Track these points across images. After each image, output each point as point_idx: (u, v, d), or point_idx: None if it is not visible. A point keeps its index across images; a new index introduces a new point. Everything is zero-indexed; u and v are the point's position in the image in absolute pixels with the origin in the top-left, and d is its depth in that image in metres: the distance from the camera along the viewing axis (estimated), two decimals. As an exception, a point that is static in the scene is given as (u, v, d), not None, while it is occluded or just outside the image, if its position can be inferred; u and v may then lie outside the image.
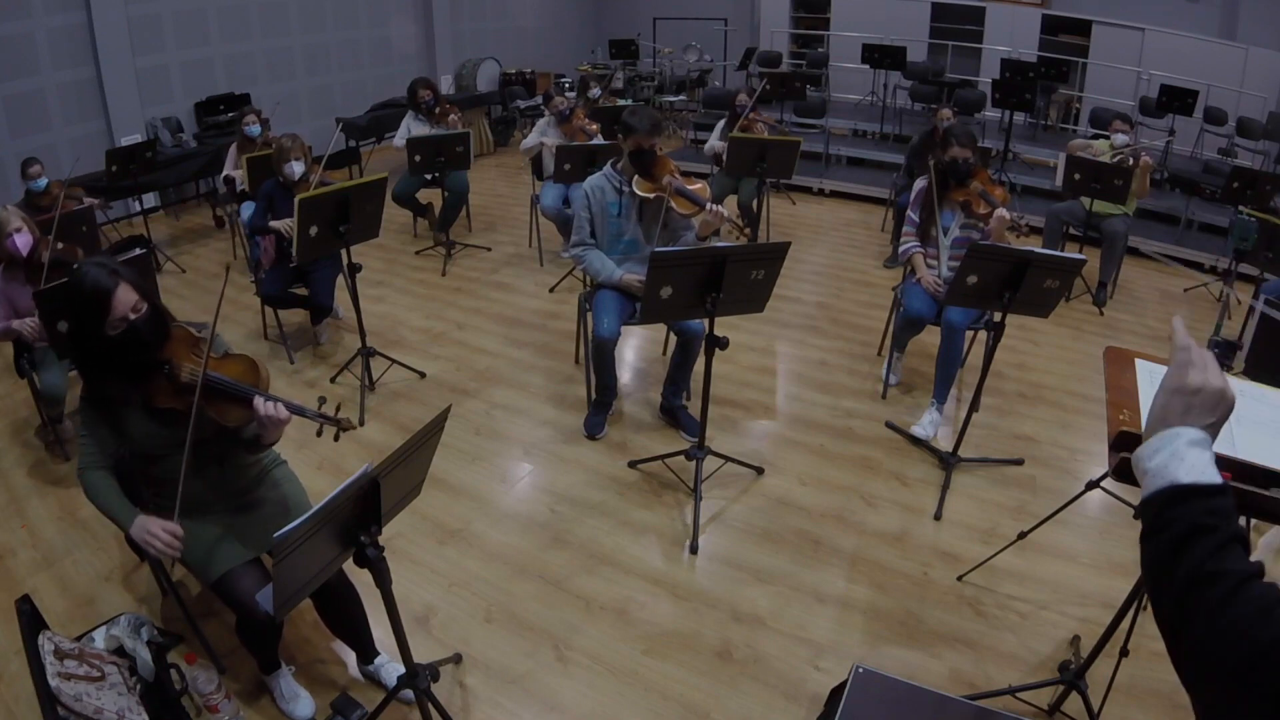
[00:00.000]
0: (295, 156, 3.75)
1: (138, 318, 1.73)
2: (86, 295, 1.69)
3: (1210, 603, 0.70)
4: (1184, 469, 0.78)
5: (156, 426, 1.83)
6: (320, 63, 7.89)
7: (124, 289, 1.71)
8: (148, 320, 1.75)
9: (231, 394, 1.78)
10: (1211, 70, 7.16)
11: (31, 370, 3.13)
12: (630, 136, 3.02)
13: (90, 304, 1.69)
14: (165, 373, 1.77)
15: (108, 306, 1.69)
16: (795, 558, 2.59)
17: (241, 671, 2.11)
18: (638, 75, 9.75)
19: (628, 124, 3.02)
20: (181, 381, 1.77)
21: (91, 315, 1.70)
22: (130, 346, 1.74)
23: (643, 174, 3.05)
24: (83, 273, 1.71)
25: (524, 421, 3.40)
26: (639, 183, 3.05)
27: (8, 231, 2.91)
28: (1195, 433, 0.81)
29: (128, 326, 1.72)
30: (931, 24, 8.91)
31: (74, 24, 5.73)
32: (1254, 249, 3.81)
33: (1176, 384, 0.85)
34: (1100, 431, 3.11)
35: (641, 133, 2.99)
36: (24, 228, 2.95)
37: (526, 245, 5.52)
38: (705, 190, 3.03)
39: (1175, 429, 0.82)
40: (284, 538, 1.31)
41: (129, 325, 1.72)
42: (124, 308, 1.71)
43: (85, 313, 1.70)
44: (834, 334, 4.24)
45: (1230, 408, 0.84)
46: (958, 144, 3.21)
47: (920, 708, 1.56)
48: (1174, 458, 0.79)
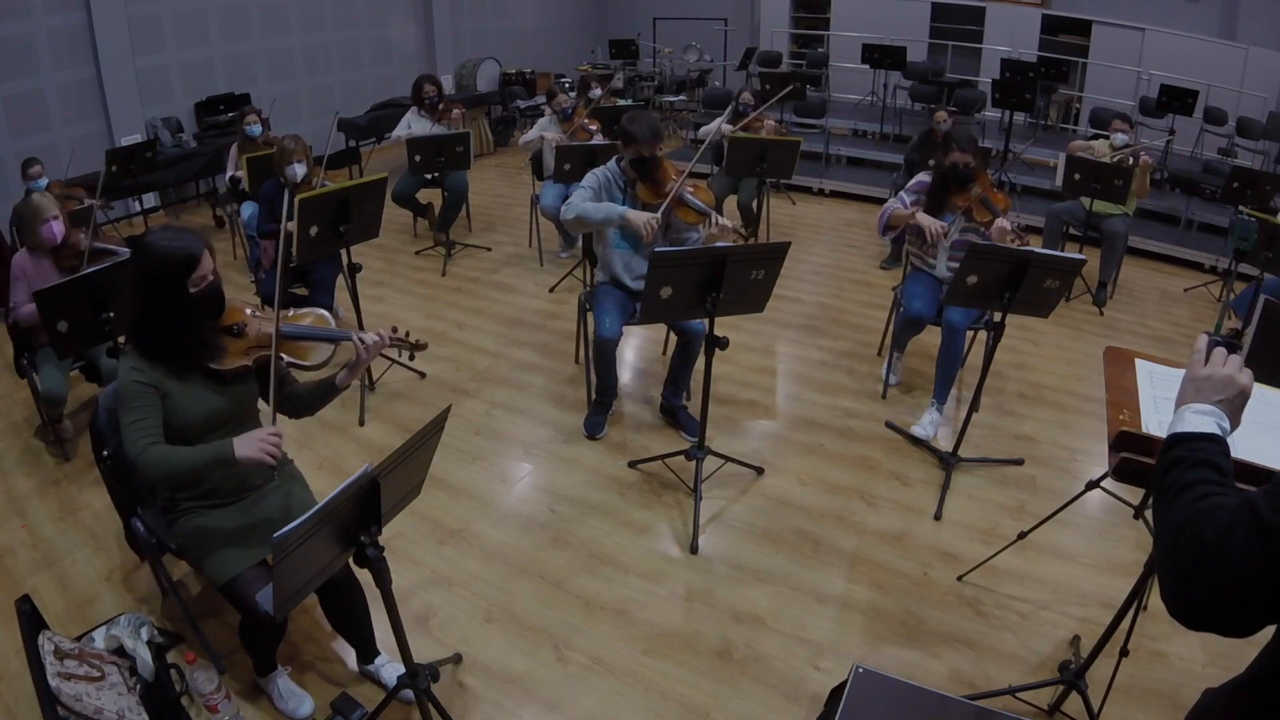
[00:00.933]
0: (297, 159, 3.74)
1: (216, 279, 1.86)
2: (179, 255, 1.77)
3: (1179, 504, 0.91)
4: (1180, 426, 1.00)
5: (216, 395, 1.87)
6: (320, 63, 7.88)
7: (207, 253, 1.83)
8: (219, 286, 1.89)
9: (305, 338, 1.96)
10: (1211, 70, 7.16)
11: (32, 370, 3.13)
12: (630, 145, 2.94)
13: (180, 265, 1.77)
14: (234, 332, 1.90)
15: (196, 264, 1.79)
16: (795, 558, 2.59)
17: (241, 671, 2.11)
18: (638, 75, 9.75)
19: (628, 131, 2.92)
20: (251, 337, 1.91)
21: (179, 274, 1.77)
22: (209, 305, 1.85)
23: (646, 181, 2.99)
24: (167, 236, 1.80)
25: (524, 421, 3.40)
26: (642, 190, 2.99)
27: (45, 217, 2.99)
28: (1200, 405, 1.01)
29: (209, 285, 1.82)
30: (931, 24, 8.91)
31: (74, 24, 5.73)
32: (1254, 249, 3.80)
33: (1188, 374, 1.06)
34: (1100, 431, 3.11)
35: (642, 141, 2.90)
36: (60, 216, 3.04)
37: (526, 245, 5.52)
38: (710, 197, 2.96)
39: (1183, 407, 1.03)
40: (284, 537, 1.31)
41: (210, 284, 1.83)
42: (207, 268, 1.82)
43: (173, 272, 1.77)
44: (834, 334, 4.24)
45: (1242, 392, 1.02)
46: (959, 149, 3.17)
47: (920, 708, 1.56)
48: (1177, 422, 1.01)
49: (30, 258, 3.06)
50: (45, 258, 3.07)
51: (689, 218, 2.97)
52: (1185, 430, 0.99)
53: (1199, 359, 1.06)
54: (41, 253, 3.07)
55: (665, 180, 2.97)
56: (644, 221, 2.89)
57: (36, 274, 3.03)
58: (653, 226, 2.89)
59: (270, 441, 1.75)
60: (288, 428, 3.19)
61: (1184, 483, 0.92)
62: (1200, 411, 1.00)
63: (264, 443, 1.74)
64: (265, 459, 1.74)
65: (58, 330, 2.70)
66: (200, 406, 1.84)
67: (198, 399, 1.84)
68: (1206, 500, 0.89)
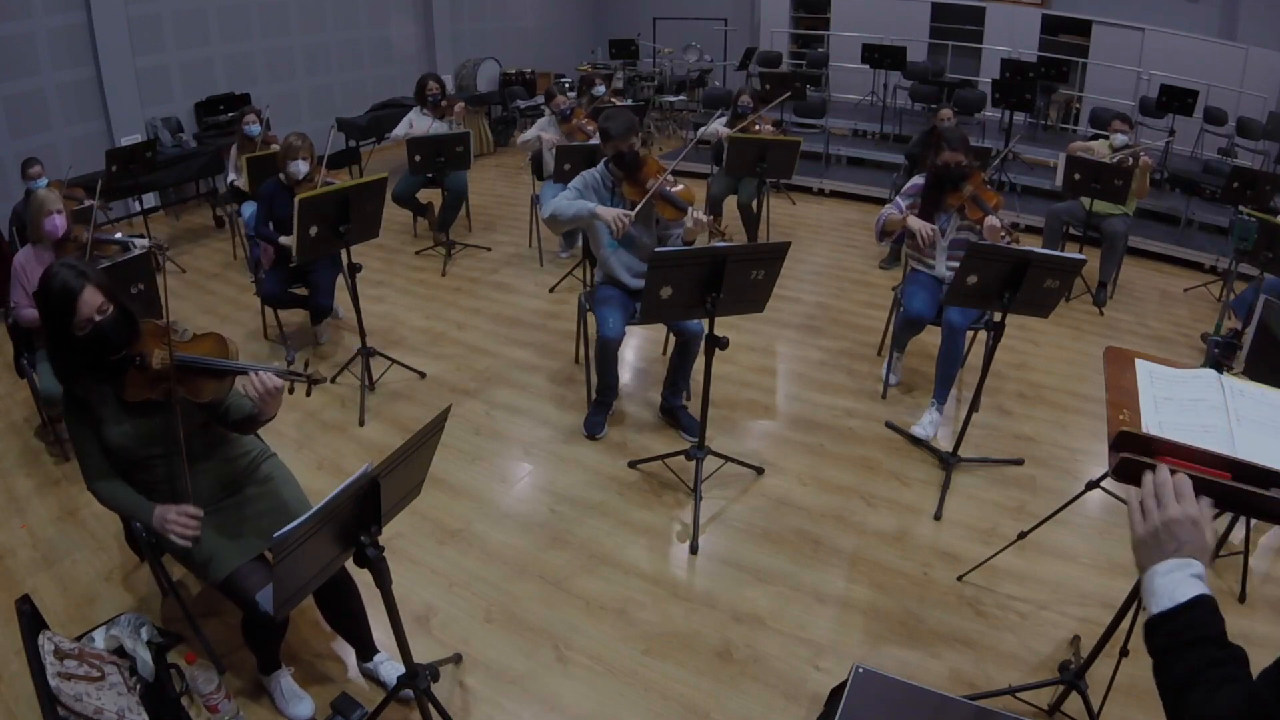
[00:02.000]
0: (301, 156, 3.74)
1: (103, 319, 1.75)
2: (54, 296, 1.71)
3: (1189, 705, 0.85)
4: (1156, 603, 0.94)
5: (133, 425, 1.84)
6: (320, 63, 7.88)
7: (90, 291, 1.73)
8: (114, 321, 1.77)
9: (203, 370, 1.84)
10: (1211, 70, 7.15)
11: (31, 370, 3.13)
12: (608, 142, 3.01)
13: (57, 305, 1.72)
14: (137, 365, 1.81)
15: (73, 308, 1.71)
16: (795, 558, 2.59)
17: (241, 671, 2.11)
18: (638, 75, 9.75)
19: (604, 130, 3.01)
20: (154, 370, 1.81)
21: (59, 315, 1.73)
22: (97, 346, 1.76)
23: (629, 178, 3.03)
24: (51, 273, 1.74)
25: (524, 421, 3.40)
26: (626, 187, 3.04)
27: (48, 211, 3.02)
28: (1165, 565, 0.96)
29: (94, 328, 1.74)
30: (931, 24, 8.91)
31: (74, 24, 5.73)
32: (1254, 249, 3.80)
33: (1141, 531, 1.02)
34: (1100, 431, 3.11)
35: (617, 136, 2.97)
36: (63, 211, 3.06)
37: (526, 245, 5.52)
38: (690, 194, 3.00)
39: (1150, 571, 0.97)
40: (284, 537, 1.31)
41: (94, 326, 1.74)
42: (89, 309, 1.73)
43: (54, 313, 1.74)
44: (834, 334, 4.23)
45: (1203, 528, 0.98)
46: (949, 149, 3.19)
47: (920, 708, 1.56)
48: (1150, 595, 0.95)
49: (33, 252, 3.07)
50: (48, 252, 3.08)
51: (668, 213, 3.01)
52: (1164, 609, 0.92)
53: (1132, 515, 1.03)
54: (44, 247, 3.08)
55: (648, 177, 3.02)
56: (613, 217, 2.91)
57: (39, 268, 3.04)
58: (623, 222, 2.91)
59: (180, 524, 1.79)
60: (288, 428, 3.21)
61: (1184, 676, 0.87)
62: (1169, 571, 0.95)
63: (173, 523, 1.79)
64: (170, 537, 1.80)
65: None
66: (119, 435, 1.84)
67: (115, 429, 1.84)
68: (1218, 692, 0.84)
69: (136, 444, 1.85)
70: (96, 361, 1.78)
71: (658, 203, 3.00)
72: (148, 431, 1.85)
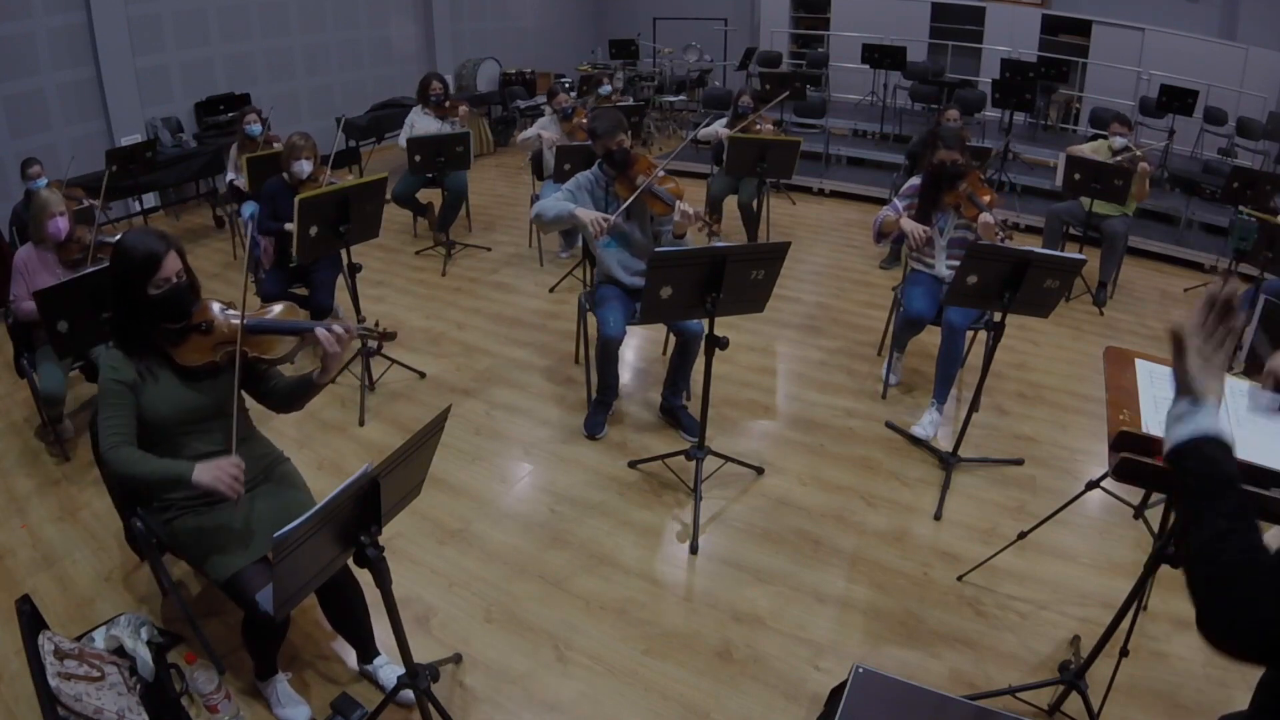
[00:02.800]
0: (305, 155, 3.75)
1: (180, 281, 1.85)
2: (139, 255, 1.79)
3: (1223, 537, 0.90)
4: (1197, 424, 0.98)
5: (190, 391, 1.89)
6: (320, 63, 7.88)
7: (173, 256, 1.84)
8: (187, 286, 1.87)
9: (271, 331, 1.93)
10: (1211, 70, 7.16)
11: (31, 370, 3.13)
12: (596, 141, 3.06)
13: (140, 264, 1.79)
14: (202, 329, 1.90)
15: (158, 265, 1.79)
16: (795, 558, 2.59)
17: (241, 671, 2.11)
18: (638, 75, 9.75)
19: (592, 130, 3.06)
20: (219, 334, 1.90)
21: (140, 274, 1.79)
22: (171, 306, 1.84)
23: (621, 176, 3.06)
24: (133, 238, 1.83)
25: (524, 421, 3.40)
26: (619, 186, 3.06)
27: (51, 213, 3.03)
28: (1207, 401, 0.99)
29: (171, 288, 1.82)
30: (931, 24, 8.91)
31: (74, 24, 5.73)
32: (1254, 249, 3.80)
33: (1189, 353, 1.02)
34: (1100, 431, 3.11)
35: (604, 134, 3.02)
36: (65, 212, 3.07)
37: (526, 245, 5.53)
38: (679, 190, 3.03)
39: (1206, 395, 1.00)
40: (284, 537, 1.31)
41: (172, 286, 1.82)
42: (170, 270, 1.82)
43: (134, 272, 1.79)
44: (834, 334, 4.23)
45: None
46: (945, 147, 3.20)
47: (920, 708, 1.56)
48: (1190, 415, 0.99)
49: (35, 252, 3.07)
50: (49, 252, 3.09)
51: (659, 209, 3.03)
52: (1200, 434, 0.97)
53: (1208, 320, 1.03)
54: (46, 247, 3.08)
55: (638, 174, 3.04)
56: (591, 219, 2.94)
57: (41, 268, 3.05)
58: (601, 225, 2.94)
59: (229, 473, 1.75)
60: (288, 428, 3.21)
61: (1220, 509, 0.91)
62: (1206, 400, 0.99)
63: (223, 472, 1.74)
64: (222, 489, 1.74)
65: (57, 330, 2.71)
66: (170, 403, 1.86)
67: (168, 395, 1.86)
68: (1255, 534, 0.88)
69: (183, 413, 1.88)
70: (163, 322, 1.85)
71: (648, 199, 3.02)
72: (197, 402, 1.89)
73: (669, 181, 3.04)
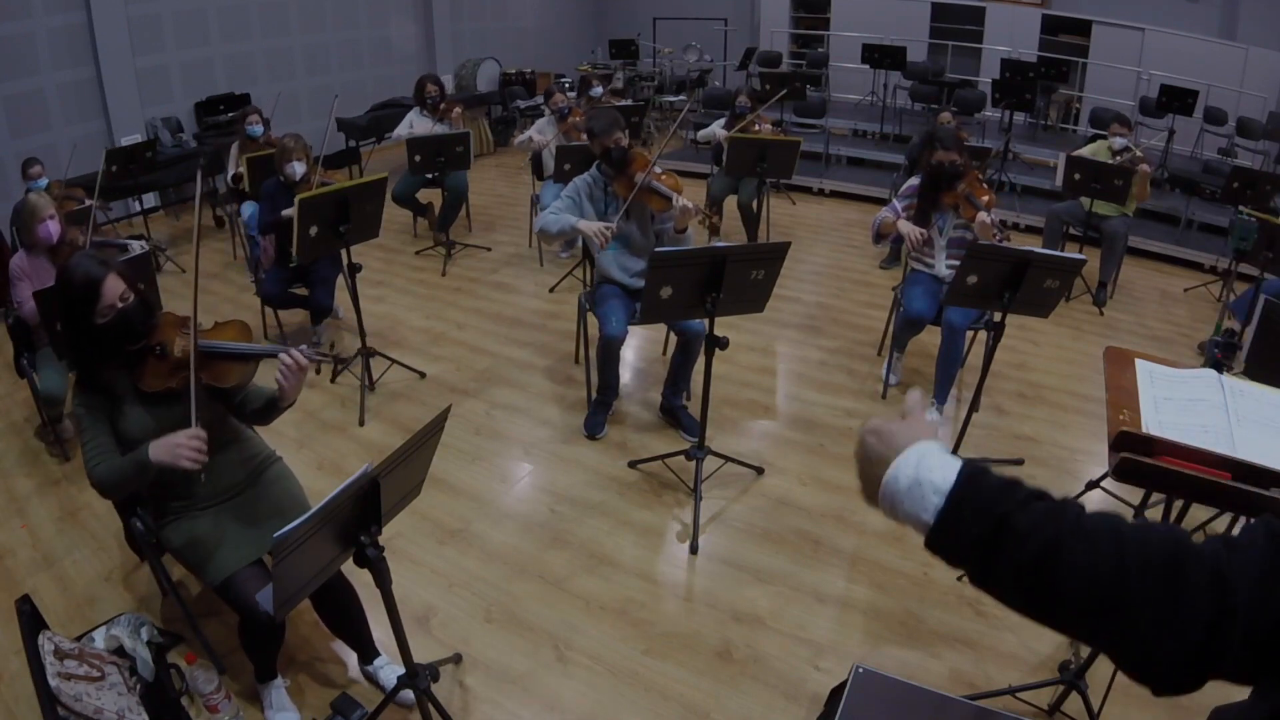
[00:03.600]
0: (297, 157, 3.76)
1: (126, 305, 1.79)
2: (77, 284, 1.74)
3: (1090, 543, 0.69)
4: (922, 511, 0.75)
5: (152, 415, 1.83)
6: (320, 63, 7.88)
7: (112, 278, 1.77)
8: (135, 308, 1.81)
9: (228, 355, 1.85)
10: (1211, 70, 7.15)
11: (31, 370, 3.13)
12: (593, 140, 3.07)
13: (80, 292, 1.74)
14: (157, 353, 1.83)
15: (97, 294, 1.74)
16: (795, 558, 2.59)
17: (241, 671, 2.11)
18: (638, 75, 9.75)
19: (589, 129, 3.08)
20: (174, 358, 1.83)
21: (82, 304, 1.75)
22: (120, 333, 1.79)
23: (619, 175, 3.06)
24: (73, 264, 1.78)
25: (524, 421, 3.40)
26: (617, 185, 3.07)
27: (41, 217, 3.02)
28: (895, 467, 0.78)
29: (117, 314, 1.77)
30: (931, 24, 8.91)
31: (74, 24, 5.73)
32: (1254, 249, 3.80)
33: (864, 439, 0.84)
34: (1100, 431, 3.11)
35: (601, 133, 3.03)
36: (56, 216, 3.07)
37: (526, 245, 5.52)
38: (677, 183, 3.03)
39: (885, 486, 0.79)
40: (284, 538, 1.31)
41: (118, 313, 1.77)
42: (112, 295, 1.76)
43: (76, 302, 1.76)
44: (834, 334, 4.23)
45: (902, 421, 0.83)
46: (942, 148, 3.21)
47: (920, 708, 1.56)
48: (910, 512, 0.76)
49: (28, 258, 3.07)
50: (43, 257, 3.08)
51: (658, 204, 3.03)
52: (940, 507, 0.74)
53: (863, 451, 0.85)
54: (39, 252, 3.07)
55: (635, 172, 3.04)
56: (595, 231, 2.97)
57: (35, 274, 3.04)
58: (605, 235, 2.97)
59: (189, 445, 1.69)
60: (288, 428, 3.21)
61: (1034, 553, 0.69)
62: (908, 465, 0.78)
63: (181, 446, 1.69)
64: (181, 463, 1.68)
65: (58, 330, 2.70)
66: (136, 427, 1.81)
67: (133, 419, 1.82)
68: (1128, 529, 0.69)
69: (152, 434, 1.81)
70: (116, 350, 1.79)
71: (646, 195, 3.02)
72: (166, 422, 1.82)
73: (667, 177, 3.04)
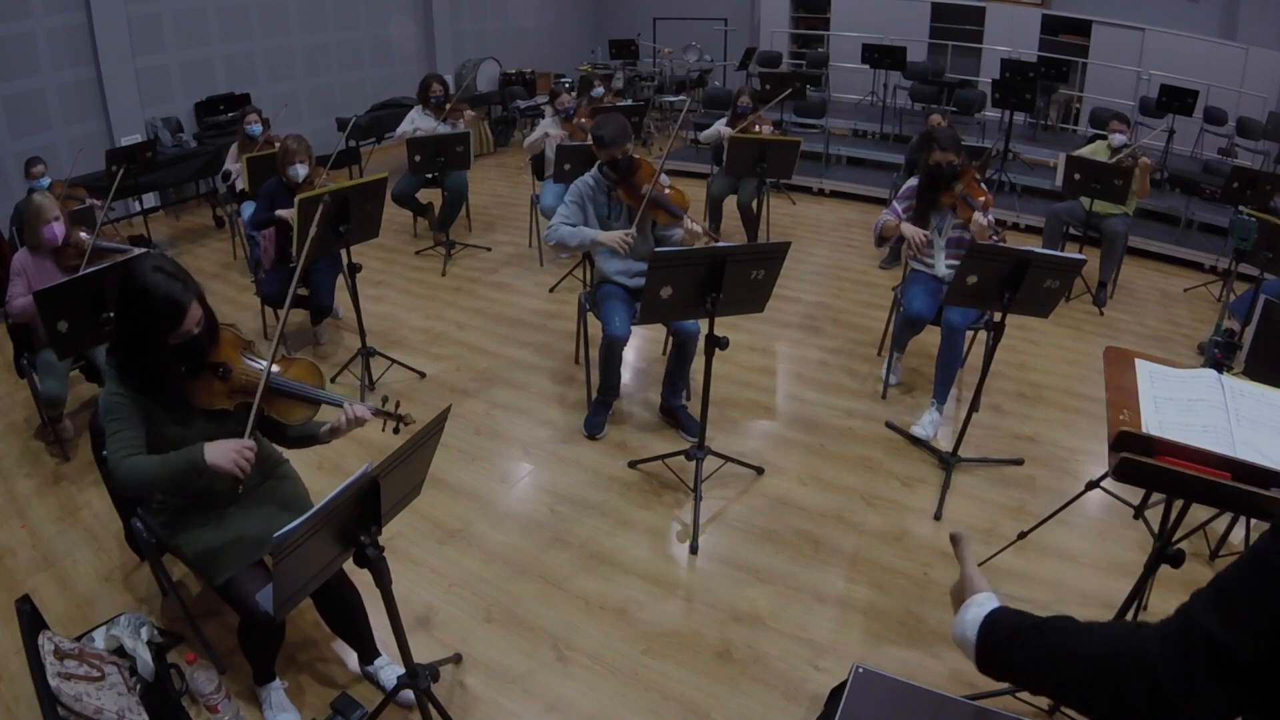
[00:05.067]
0: (300, 159, 3.75)
1: (200, 330, 1.75)
2: (160, 305, 1.66)
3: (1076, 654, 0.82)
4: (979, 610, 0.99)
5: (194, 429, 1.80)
6: (320, 63, 7.88)
7: (195, 306, 1.71)
8: (206, 331, 1.77)
9: (294, 395, 1.85)
10: (1211, 70, 7.15)
11: (31, 370, 3.13)
12: (602, 149, 3.01)
13: (162, 314, 1.67)
14: (219, 374, 1.80)
15: (180, 320, 1.68)
16: (795, 558, 2.59)
17: (241, 671, 2.10)
18: (638, 75, 9.74)
19: (597, 137, 3.02)
20: (237, 382, 1.81)
21: (160, 325, 1.68)
22: (186, 355, 1.75)
23: (624, 184, 3.03)
24: (153, 283, 1.66)
25: (524, 421, 3.40)
26: (622, 192, 3.05)
27: (46, 219, 3.02)
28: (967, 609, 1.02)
29: (190, 340, 1.73)
30: (931, 24, 8.91)
31: (74, 24, 5.73)
32: (1254, 249, 3.80)
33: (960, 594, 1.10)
34: (1100, 431, 3.11)
35: (611, 144, 2.97)
36: (61, 217, 3.07)
37: (526, 245, 5.52)
38: (684, 200, 3.02)
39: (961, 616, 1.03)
40: (284, 538, 1.31)
41: (191, 338, 1.73)
42: (192, 322, 1.71)
43: (154, 322, 1.68)
44: (834, 334, 4.23)
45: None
46: (939, 149, 3.21)
47: (920, 708, 1.56)
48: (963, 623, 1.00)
49: (31, 257, 3.07)
50: (47, 257, 3.08)
51: (663, 219, 3.03)
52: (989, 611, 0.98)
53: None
54: (43, 253, 3.08)
55: (642, 182, 3.02)
56: (617, 241, 2.98)
57: (38, 273, 3.04)
58: (627, 243, 2.98)
59: (243, 455, 1.69)
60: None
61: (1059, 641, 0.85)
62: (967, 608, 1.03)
63: (237, 454, 1.68)
64: (235, 470, 1.68)
65: (57, 330, 2.70)
66: (175, 434, 1.78)
67: (171, 428, 1.78)
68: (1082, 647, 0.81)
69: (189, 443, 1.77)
70: (175, 366, 1.75)
71: (653, 209, 3.01)
72: (207, 435, 1.78)
73: (674, 192, 3.04)
